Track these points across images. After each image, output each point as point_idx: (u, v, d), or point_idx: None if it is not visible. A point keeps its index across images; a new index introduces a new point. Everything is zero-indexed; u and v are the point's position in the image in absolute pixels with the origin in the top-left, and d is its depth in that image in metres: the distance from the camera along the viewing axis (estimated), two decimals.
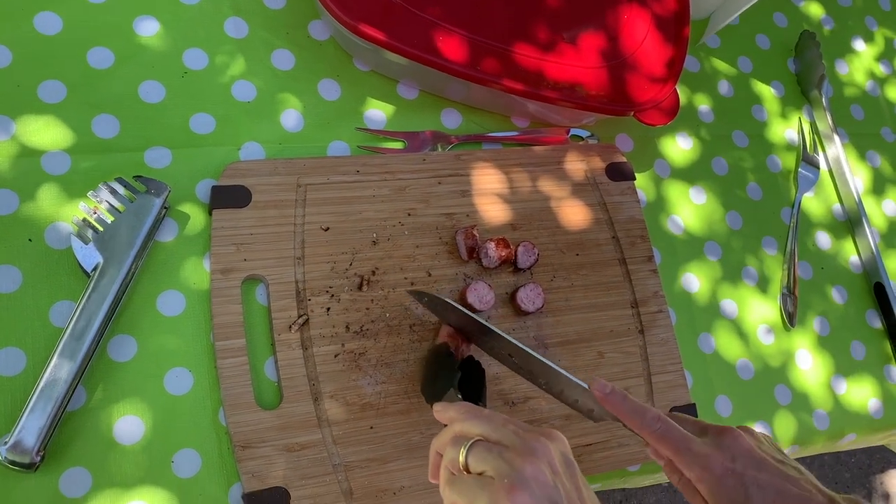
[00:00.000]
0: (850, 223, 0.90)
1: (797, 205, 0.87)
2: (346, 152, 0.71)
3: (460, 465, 0.45)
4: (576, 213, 0.74)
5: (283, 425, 0.59)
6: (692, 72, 0.89)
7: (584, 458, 0.67)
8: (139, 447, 0.57)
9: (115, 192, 0.61)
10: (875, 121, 0.98)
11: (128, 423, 0.57)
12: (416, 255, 0.68)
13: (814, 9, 1.01)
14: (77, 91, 0.65)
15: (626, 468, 0.70)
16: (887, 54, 1.03)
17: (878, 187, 0.94)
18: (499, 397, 0.66)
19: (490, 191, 0.72)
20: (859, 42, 1.02)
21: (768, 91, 0.93)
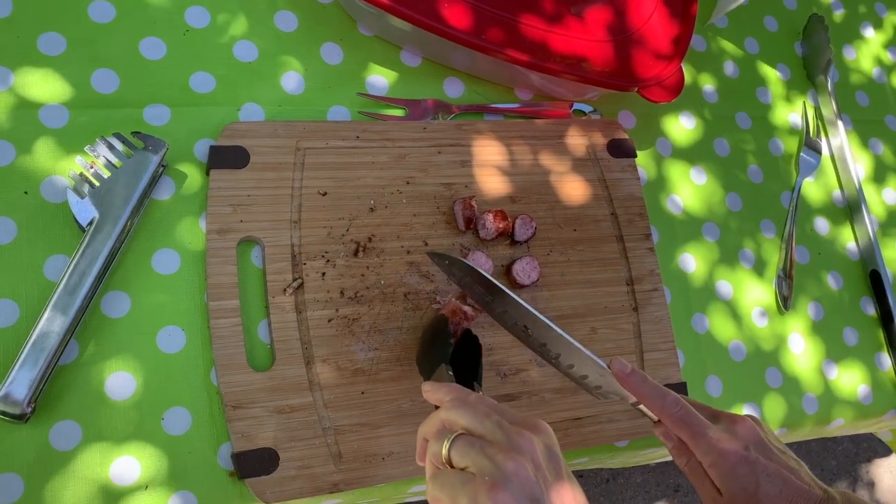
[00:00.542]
0: (849, 210, 0.90)
1: (797, 189, 0.86)
2: (347, 117, 0.71)
3: (443, 458, 0.45)
4: (575, 189, 0.74)
5: (274, 387, 0.59)
6: (698, 51, 0.88)
7: (573, 432, 0.67)
8: (130, 403, 0.57)
9: (112, 148, 0.60)
10: (880, 108, 0.97)
11: (119, 378, 0.57)
12: (413, 224, 0.68)
13: None
14: (77, 44, 0.64)
15: (614, 444, 0.70)
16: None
17: (879, 175, 0.94)
18: (490, 368, 0.66)
19: (490, 162, 0.72)
20: (868, 28, 1.01)
21: (774, 74, 0.92)
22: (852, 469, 1.83)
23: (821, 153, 0.90)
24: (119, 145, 0.60)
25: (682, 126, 0.84)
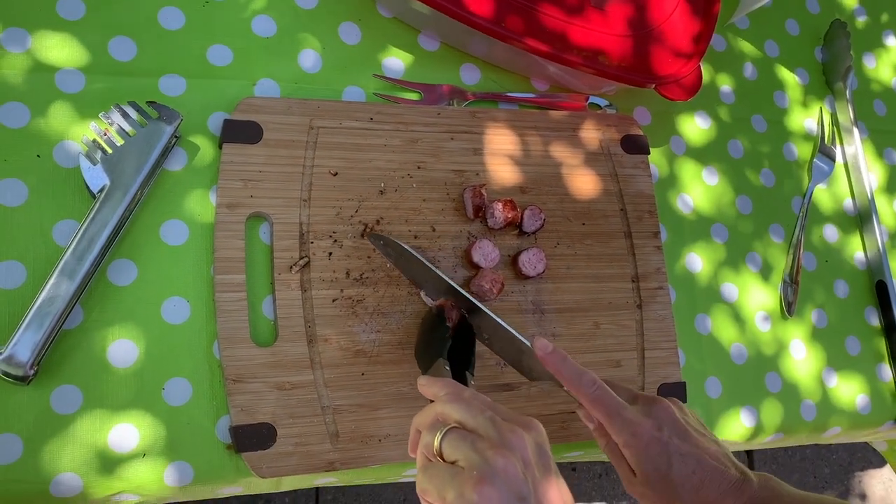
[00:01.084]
0: (859, 219, 0.89)
1: (809, 195, 0.86)
2: (362, 98, 0.70)
3: (434, 450, 0.46)
4: (586, 182, 0.74)
5: (275, 363, 0.59)
6: (718, 51, 0.88)
7: (568, 426, 0.67)
8: (131, 371, 0.57)
9: (126, 116, 0.60)
10: None
11: (122, 346, 0.58)
12: (421, 209, 0.67)
13: None
14: (96, 10, 0.64)
15: None
16: None
17: (892, 185, 0.93)
18: (490, 358, 0.66)
19: (502, 151, 0.72)
20: (890, 37, 1.00)
21: (792, 78, 0.91)
22: (845, 478, 1.84)
23: (835, 161, 0.89)
24: (133, 114, 0.60)
25: (697, 125, 0.83)
